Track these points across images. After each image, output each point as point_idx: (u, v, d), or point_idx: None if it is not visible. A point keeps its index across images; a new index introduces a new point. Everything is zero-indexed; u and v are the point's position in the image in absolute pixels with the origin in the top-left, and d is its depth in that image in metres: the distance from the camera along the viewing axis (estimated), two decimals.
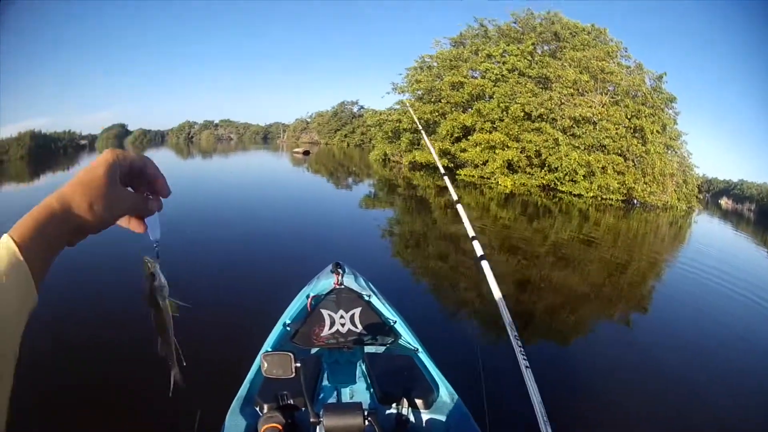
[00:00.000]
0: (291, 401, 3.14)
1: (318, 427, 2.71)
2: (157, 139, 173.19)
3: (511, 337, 3.03)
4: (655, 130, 34.16)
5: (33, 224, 0.78)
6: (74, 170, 40.25)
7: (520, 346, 2.91)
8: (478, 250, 3.73)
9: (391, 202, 25.18)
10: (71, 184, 0.85)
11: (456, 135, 38.90)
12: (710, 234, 29.20)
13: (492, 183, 34.10)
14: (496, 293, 3.32)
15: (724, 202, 62.83)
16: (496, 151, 35.33)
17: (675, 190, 34.79)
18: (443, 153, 38.07)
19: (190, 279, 8.69)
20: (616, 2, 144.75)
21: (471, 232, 3.97)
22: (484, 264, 3.55)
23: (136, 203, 0.96)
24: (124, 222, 0.97)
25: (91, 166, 0.87)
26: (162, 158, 60.78)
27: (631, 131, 34.05)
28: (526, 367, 2.78)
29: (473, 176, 35.94)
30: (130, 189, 0.95)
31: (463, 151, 37.33)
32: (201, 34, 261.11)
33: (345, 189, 31.47)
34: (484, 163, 36.06)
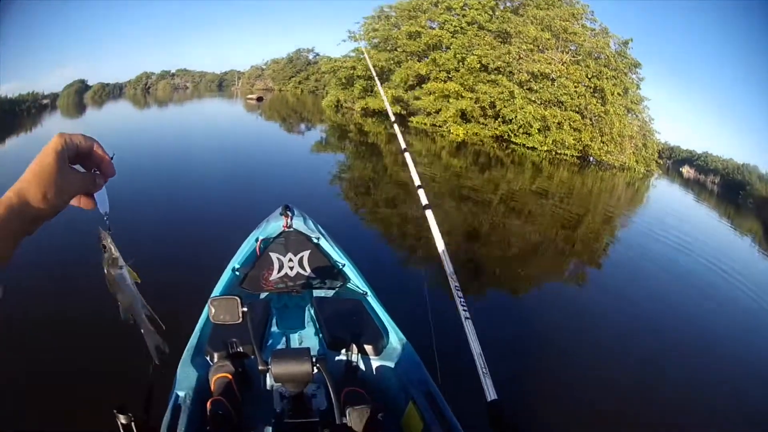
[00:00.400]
0: (240, 349, 3.10)
1: (267, 375, 2.68)
2: (116, 91, 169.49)
3: (452, 288, 3.09)
4: (615, 92, 34.26)
5: None
6: (36, 131, 39.52)
7: (460, 297, 2.98)
8: (423, 199, 3.84)
9: (343, 147, 25.17)
10: (25, 177, 0.89)
11: (410, 83, 38.95)
12: (670, 199, 29.73)
13: (444, 131, 34.17)
14: (439, 244, 3.41)
15: (686, 170, 63.37)
16: (450, 101, 35.32)
17: (633, 152, 35.17)
18: (396, 100, 37.96)
19: (139, 228, 8.57)
20: None
21: (417, 181, 4.10)
22: (429, 213, 3.66)
23: (86, 183, 1.00)
24: (74, 201, 1.00)
25: (42, 154, 0.90)
26: (118, 110, 59.76)
27: (591, 91, 34.15)
28: (466, 318, 2.87)
29: (425, 124, 35.98)
30: (79, 167, 1.00)
31: (417, 98, 37.43)
32: None
33: (297, 135, 31.34)
34: (437, 112, 36.11)
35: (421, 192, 3.90)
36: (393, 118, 5.40)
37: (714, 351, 7.35)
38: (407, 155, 4.43)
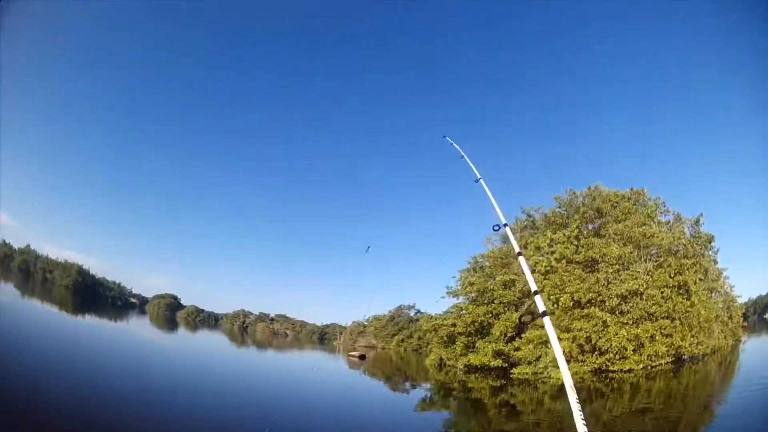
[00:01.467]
0: None
1: None
2: (211, 320, 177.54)
3: (571, 401, 3.53)
4: (697, 279, 34.76)
5: None
6: (121, 324, 41.45)
7: (577, 402, 3.37)
8: (540, 306, 4.39)
9: (447, 405, 25.74)
10: None
11: (510, 334, 39.21)
12: (758, 355, 29.25)
13: (545, 377, 33.83)
14: (557, 351, 3.88)
15: None
16: (549, 346, 34.47)
17: (722, 330, 34.86)
18: (497, 353, 38.17)
19: None
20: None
21: (534, 287, 4.74)
22: (546, 320, 4.18)
23: None
24: None
25: None
26: (218, 343, 61.94)
27: (676, 289, 34.48)
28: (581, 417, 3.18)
29: (527, 373, 35.56)
30: None
31: (517, 349, 37.44)
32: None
33: (401, 393, 32.23)
34: (537, 359, 35.81)
35: (537, 298, 4.50)
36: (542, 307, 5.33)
37: None
38: (546, 320, 4.87)
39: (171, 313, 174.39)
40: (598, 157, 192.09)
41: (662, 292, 34.02)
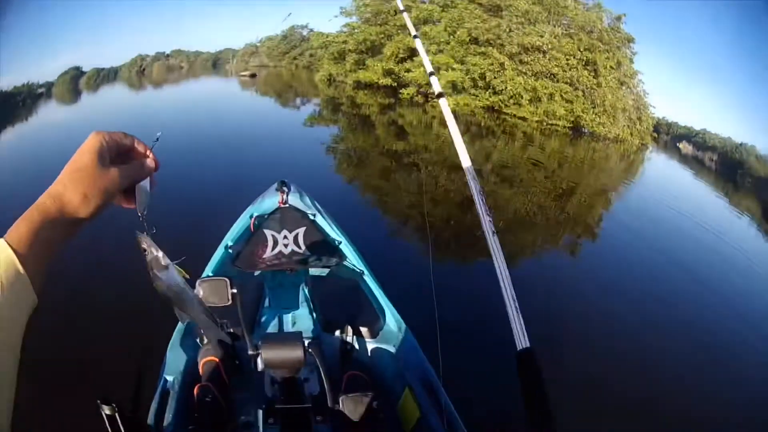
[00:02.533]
0: (231, 330, 2.96)
1: (257, 359, 2.55)
2: (111, 76, 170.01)
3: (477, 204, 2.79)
4: (608, 66, 34.30)
5: (29, 229, 0.78)
6: (32, 120, 39.46)
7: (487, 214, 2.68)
8: (437, 88, 3.57)
9: (336, 120, 25.24)
10: (61, 180, 0.84)
11: (401, 56, 38.41)
12: (667, 174, 30.13)
13: (435, 102, 33.20)
14: (456, 136, 3.07)
15: (684, 146, 63.66)
16: (440, 73, 34.41)
17: (628, 125, 35.18)
18: (388, 72, 37.97)
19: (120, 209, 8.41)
20: None
21: (429, 68, 3.80)
22: (443, 102, 3.37)
23: (130, 174, 0.95)
24: (116, 200, 0.97)
25: (78, 154, 0.87)
26: (113, 94, 59.26)
27: (583, 63, 34.05)
28: (493, 232, 2.56)
29: (417, 95, 35.66)
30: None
31: (408, 71, 36.94)
32: None
33: (291, 108, 31.36)
34: (428, 83, 35.12)
35: (433, 79, 3.62)
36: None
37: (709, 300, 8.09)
38: (442, 102, 4.20)
39: (74, 84, 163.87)
40: None
41: (567, 60, 33.57)
